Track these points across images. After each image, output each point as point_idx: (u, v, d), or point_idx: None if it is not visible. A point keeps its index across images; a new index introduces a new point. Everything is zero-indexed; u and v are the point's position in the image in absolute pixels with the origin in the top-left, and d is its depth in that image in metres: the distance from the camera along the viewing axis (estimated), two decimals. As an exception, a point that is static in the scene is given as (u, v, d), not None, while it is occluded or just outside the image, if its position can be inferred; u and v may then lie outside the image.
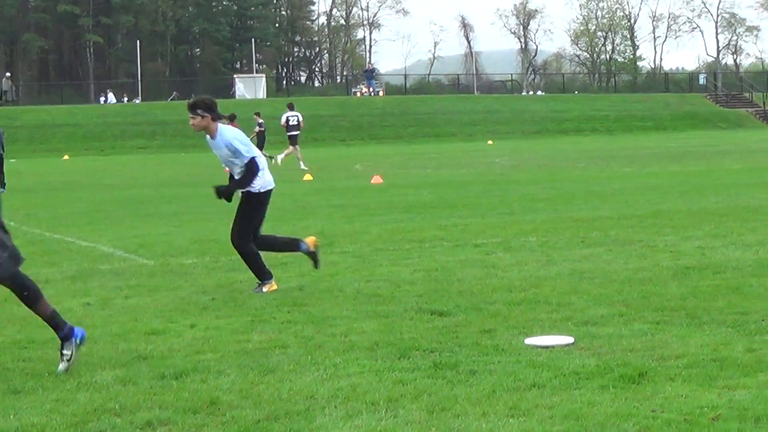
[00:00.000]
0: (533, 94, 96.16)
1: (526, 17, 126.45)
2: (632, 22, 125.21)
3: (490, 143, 63.10)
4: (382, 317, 8.87)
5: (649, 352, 7.25)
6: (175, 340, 8.24)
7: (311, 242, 11.06)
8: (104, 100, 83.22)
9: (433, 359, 7.23)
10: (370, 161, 43.21)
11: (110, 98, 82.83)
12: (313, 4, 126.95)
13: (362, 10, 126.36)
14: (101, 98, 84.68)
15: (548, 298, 9.52)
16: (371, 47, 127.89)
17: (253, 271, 10.67)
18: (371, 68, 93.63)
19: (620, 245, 13.15)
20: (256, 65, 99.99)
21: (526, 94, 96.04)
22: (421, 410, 6.01)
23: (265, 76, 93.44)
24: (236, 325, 8.76)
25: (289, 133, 40.15)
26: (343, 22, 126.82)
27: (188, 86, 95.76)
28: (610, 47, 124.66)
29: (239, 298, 10.17)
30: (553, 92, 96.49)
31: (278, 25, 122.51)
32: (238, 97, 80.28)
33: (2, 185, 30.18)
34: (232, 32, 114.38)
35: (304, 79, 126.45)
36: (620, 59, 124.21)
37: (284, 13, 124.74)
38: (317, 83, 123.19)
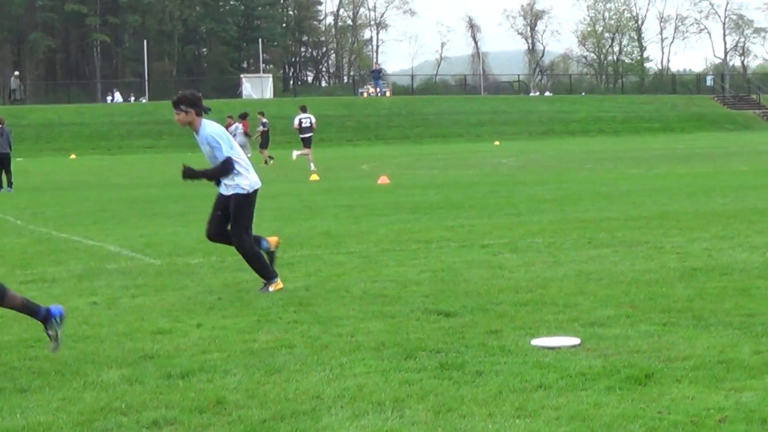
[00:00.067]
0: (540, 94, 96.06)
1: (533, 18, 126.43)
2: (639, 23, 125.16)
3: (496, 144, 63.08)
4: (388, 317, 8.86)
5: (655, 353, 7.24)
6: (181, 339, 8.25)
7: (273, 242, 11.09)
8: (111, 99, 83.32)
9: (439, 360, 7.23)
10: (376, 161, 43.21)
11: (117, 97, 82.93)
12: (320, 4, 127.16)
13: (369, 10, 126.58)
14: (108, 97, 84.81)
15: (555, 299, 9.51)
16: (378, 47, 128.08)
17: (256, 270, 10.65)
18: (378, 68, 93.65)
19: (627, 246, 13.14)
20: (263, 65, 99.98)
21: (533, 95, 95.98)
22: (427, 411, 6.01)
23: (272, 76, 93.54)
24: (243, 324, 8.76)
25: (302, 135, 39.12)
26: (350, 22, 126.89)
27: (195, 86, 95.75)
28: (617, 48, 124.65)
29: (246, 297, 10.17)
30: (560, 93, 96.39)
31: (285, 25, 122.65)
32: (245, 96, 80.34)
33: (9, 184, 30.25)
34: (239, 32, 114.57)
35: (311, 79, 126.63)
36: (627, 60, 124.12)
37: (291, 13, 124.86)
38: (324, 83, 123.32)
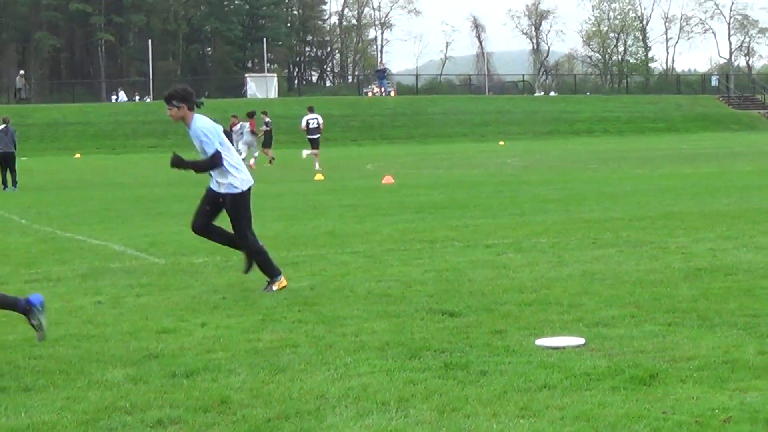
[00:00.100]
0: (545, 94, 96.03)
1: (538, 18, 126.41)
2: (644, 23, 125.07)
3: (501, 144, 63.07)
4: (392, 317, 8.86)
5: (660, 353, 7.24)
6: (185, 338, 8.25)
7: None
8: (116, 98, 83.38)
9: (443, 359, 7.23)
10: (381, 161, 43.20)
11: (122, 97, 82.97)
12: (324, 3, 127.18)
13: (374, 9, 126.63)
14: (113, 97, 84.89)
15: (559, 299, 9.51)
16: (383, 47, 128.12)
17: (261, 267, 10.64)
18: (383, 68, 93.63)
19: (632, 247, 13.13)
20: (267, 65, 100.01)
21: (538, 95, 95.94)
22: (431, 410, 6.01)
23: (276, 75, 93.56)
24: (247, 324, 8.76)
25: (309, 136, 38.66)
26: (354, 21, 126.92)
27: (200, 85, 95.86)
28: (622, 48, 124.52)
29: (250, 297, 10.18)
30: (564, 93, 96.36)
31: (290, 24, 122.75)
32: (249, 96, 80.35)
33: (14, 183, 30.27)
34: (243, 31, 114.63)
35: (315, 78, 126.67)
36: (632, 60, 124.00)
37: (296, 12, 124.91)
38: (329, 83, 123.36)
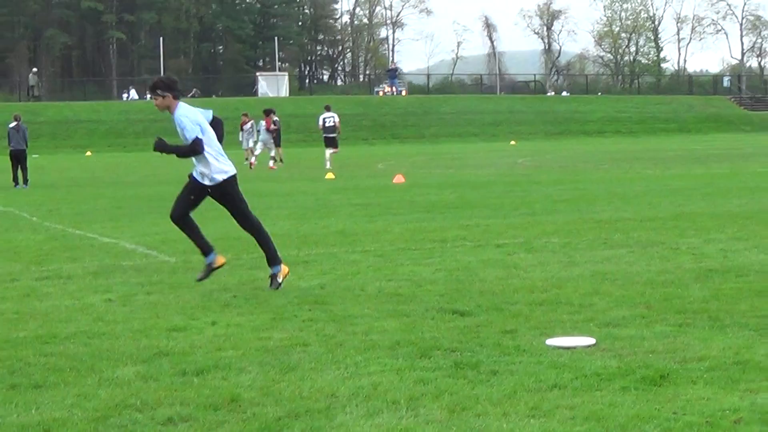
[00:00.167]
0: (557, 94, 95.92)
1: (549, 18, 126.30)
2: (656, 23, 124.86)
3: (512, 144, 63.04)
4: (403, 316, 8.86)
5: (670, 354, 7.22)
6: (196, 336, 8.25)
7: (219, 261, 10.91)
8: (127, 96, 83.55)
9: (454, 359, 7.22)
10: (392, 160, 43.20)
11: (133, 95, 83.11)
12: (336, 2, 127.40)
13: (385, 9, 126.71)
14: (124, 95, 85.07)
15: (570, 299, 9.49)
16: (394, 46, 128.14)
17: (263, 249, 10.69)
18: (394, 67, 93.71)
19: (642, 247, 13.11)
20: (279, 63, 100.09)
21: (549, 94, 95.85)
22: (441, 410, 6.00)
23: (287, 74, 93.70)
24: (257, 322, 8.76)
25: (325, 135, 37.53)
26: (366, 21, 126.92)
27: (211, 84, 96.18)
28: (633, 49, 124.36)
29: (261, 295, 10.18)
30: (576, 93, 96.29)
31: (301, 23, 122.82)
32: (260, 95, 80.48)
33: (25, 181, 30.34)
34: (255, 30, 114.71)
35: (326, 77, 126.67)
36: (644, 61, 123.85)
37: (307, 11, 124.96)
38: (340, 82, 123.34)
